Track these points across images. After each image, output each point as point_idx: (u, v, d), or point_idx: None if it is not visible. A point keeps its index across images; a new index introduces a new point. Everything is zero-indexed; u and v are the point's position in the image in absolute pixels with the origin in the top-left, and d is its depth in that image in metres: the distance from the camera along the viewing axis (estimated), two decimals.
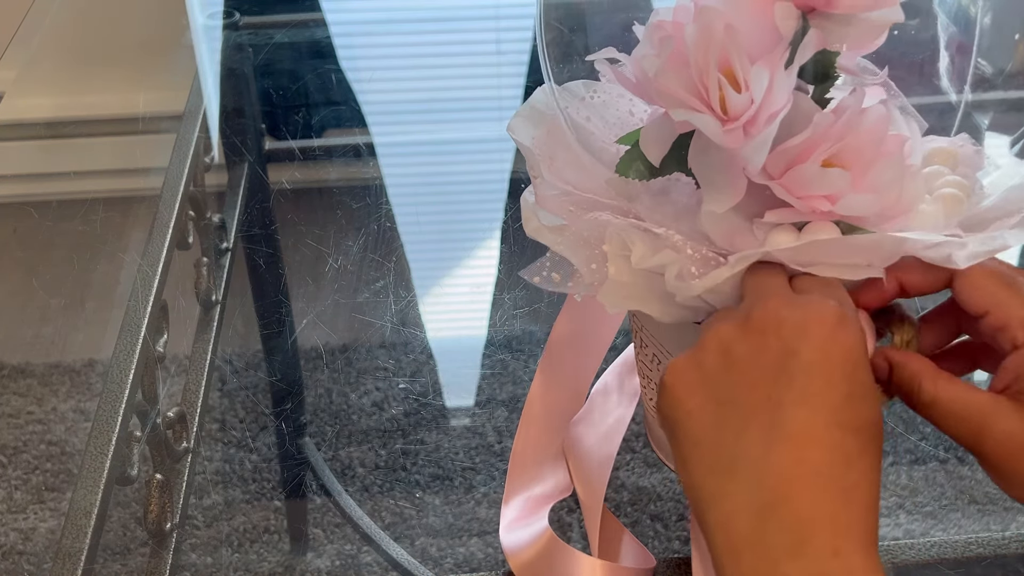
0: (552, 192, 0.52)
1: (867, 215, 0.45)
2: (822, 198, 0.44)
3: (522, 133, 0.54)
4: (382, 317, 0.78)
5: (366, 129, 1.03)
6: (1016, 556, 0.59)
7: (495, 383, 0.77)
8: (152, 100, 1.10)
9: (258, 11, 1.11)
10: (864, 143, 0.44)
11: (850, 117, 0.44)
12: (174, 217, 0.78)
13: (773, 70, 0.42)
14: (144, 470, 0.63)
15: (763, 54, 0.43)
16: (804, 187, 0.44)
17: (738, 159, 0.44)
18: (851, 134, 0.44)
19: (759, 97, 0.42)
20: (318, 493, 0.73)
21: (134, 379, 0.64)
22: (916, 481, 0.74)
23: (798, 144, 0.44)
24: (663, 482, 0.70)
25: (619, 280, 0.48)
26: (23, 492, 0.97)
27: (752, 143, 0.43)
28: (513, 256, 0.76)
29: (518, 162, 0.99)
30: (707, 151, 0.45)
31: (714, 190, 0.46)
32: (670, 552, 0.68)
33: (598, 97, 0.54)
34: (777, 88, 0.42)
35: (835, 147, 0.44)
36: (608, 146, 0.52)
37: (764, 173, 0.45)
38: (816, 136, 0.44)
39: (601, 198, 0.51)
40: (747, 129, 0.43)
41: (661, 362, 0.55)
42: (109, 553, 0.72)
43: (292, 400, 0.77)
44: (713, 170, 0.45)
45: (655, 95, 0.46)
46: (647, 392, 0.59)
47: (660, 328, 0.53)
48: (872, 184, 0.44)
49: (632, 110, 0.53)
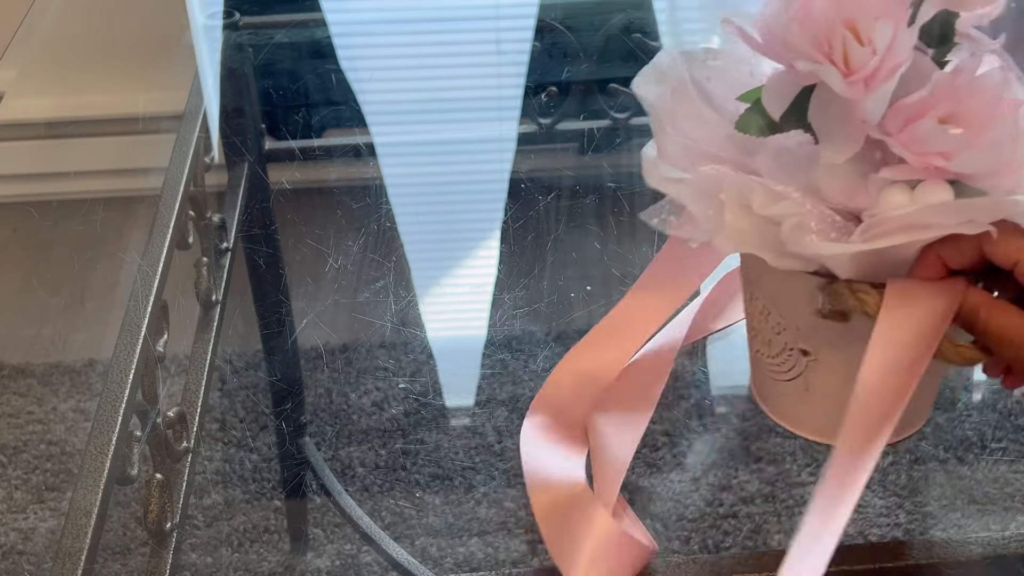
0: (674, 146, 0.55)
1: (982, 173, 0.47)
2: (937, 155, 0.46)
3: (646, 90, 0.57)
4: (382, 317, 0.78)
5: (366, 129, 1.03)
6: (1016, 556, 0.59)
7: (495, 383, 0.77)
8: (152, 100, 1.10)
9: (258, 11, 1.10)
10: (980, 104, 0.46)
11: (968, 78, 0.46)
12: (174, 217, 0.77)
13: (896, 26, 0.45)
14: (144, 470, 0.63)
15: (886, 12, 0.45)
16: (921, 143, 0.46)
17: (858, 111, 0.47)
18: (968, 95, 0.46)
19: (881, 51, 0.45)
20: (318, 493, 0.73)
21: (134, 379, 0.64)
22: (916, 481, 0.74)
23: (916, 101, 0.46)
24: (663, 482, 0.70)
25: (736, 226, 0.50)
26: (23, 492, 0.97)
27: (873, 95, 0.46)
28: (513, 256, 0.76)
29: (518, 162, 0.99)
30: (828, 104, 0.48)
31: (833, 142, 0.48)
32: (670, 552, 0.68)
33: (718, 62, 0.56)
34: (899, 43, 0.45)
35: (953, 107, 0.46)
36: (727, 104, 0.54)
37: (882, 129, 0.47)
38: (934, 94, 0.46)
39: (721, 152, 0.54)
40: (868, 82, 0.46)
41: (771, 314, 0.56)
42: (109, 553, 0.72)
43: (292, 400, 0.77)
44: (833, 122, 0.48)
45: (780, 49, 0.49)
46: (754, 345, 0.60)
47: (772, 279, 0.55)
48: (987, 144, 0.46)
49: (752, 72, 0.55)
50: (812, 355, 0.56)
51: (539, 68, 1.07)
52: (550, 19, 1.10)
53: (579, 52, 1.05)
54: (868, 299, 0.49)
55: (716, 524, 0.70)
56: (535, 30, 1.10)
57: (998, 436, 0.75)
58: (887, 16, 0.45)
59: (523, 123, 1.02)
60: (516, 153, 1.01)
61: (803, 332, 0.55)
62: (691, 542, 0.68)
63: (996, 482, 0.72)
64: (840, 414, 0.58)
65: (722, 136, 0.54)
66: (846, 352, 0.54)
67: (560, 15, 1.10)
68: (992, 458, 0.74)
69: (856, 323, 0.52)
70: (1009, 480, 0.73)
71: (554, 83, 1.03)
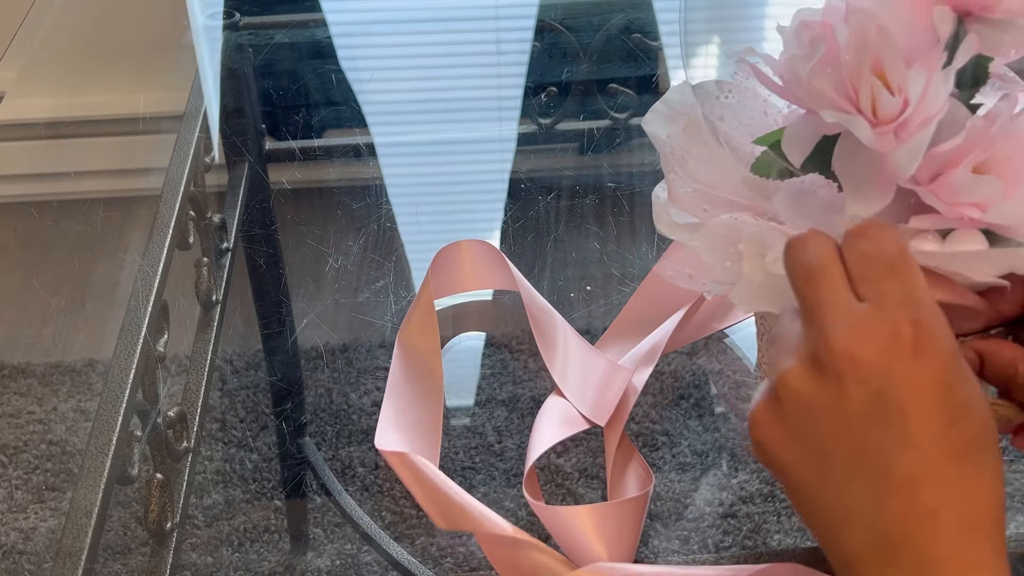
0: (686, 189, 0.52)
1: (1018, 224, 0.44)
2: (972, 205, 0.43)
3: (657, 128, 0.54)
4: (382, 317, 0.78)
5: (366, 129, 1.03)
6: (1016, 556, 0.59)
7: (495, 383, 0.77)
8: (152, 100, 1.10)
9: (258, 11, 1.10)
10: (1016, 150, 0.43)
11: (1004, 123, 0.43)
12: (174, 217, 0.78)
13: (930, 73, 0.42)
14: (144, 470, 0.63)
15: (915, 58, 0.42)
16: (954, 194, 0.43)
17: (887, 163, 0.43)
18: (1003, 140, 0.43)
19: (914, 100, 0.42)
20: (318, 493, 0.73)
21: (134, 379, 0.64)
22: None
23: (950, 150, 0.43)
24: (663, 482, 0.70)
25: (752, 280, 0.47)
26: (23, 492, 0.97)
27: (905, 148, 0.42)
28: (513, 256, 0.76)
29: (518, 162, 0.99)
30: (855, 154, 0.45)
31: (860, 194, 0.45)
32: (670, 552, 0.68)
33: (732, 97, 0.53)
34: (933, 92, 0.42)
35: (986, 155, 0.43)
36: (743, 146, 0.52)
37: (912, 178, 0.44)
38: (968, 142, 0.43)
39: (736, 198, 0.51)
40: (898, 133, 0.42)
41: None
42: (109, 553, 0.72)
43: (292, 400, 0.77)
44: (860, 174, 0.45)
45: (805, 96, 0.45)
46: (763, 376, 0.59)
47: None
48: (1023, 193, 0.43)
49: (766, 111, 0.53)
50: None
51: (539, 68, 1.07)
52: (550, 19, 1.10)
53: (579, 52, 1.05)
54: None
55: (716, 524, 0.70)
56: (535, 30, 1.10)
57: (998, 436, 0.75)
58: (919, 63, 0.42)
59: (523, 123, 1.02)
60: (516, 153, 1.01)
61: None
62: (691, 542, 0.69)
63: None
64: None
65: (737, 180, 0.51)
66: None
67: (560, 15, 1.10)
68: None
69: None
70: (1009, 480, 0.73)
71: (554, 83, 1.03)
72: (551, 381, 0.68)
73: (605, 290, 0.80)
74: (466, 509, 0.55)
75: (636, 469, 0.63)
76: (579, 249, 0.85)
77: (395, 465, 0.57)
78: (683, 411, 0.73)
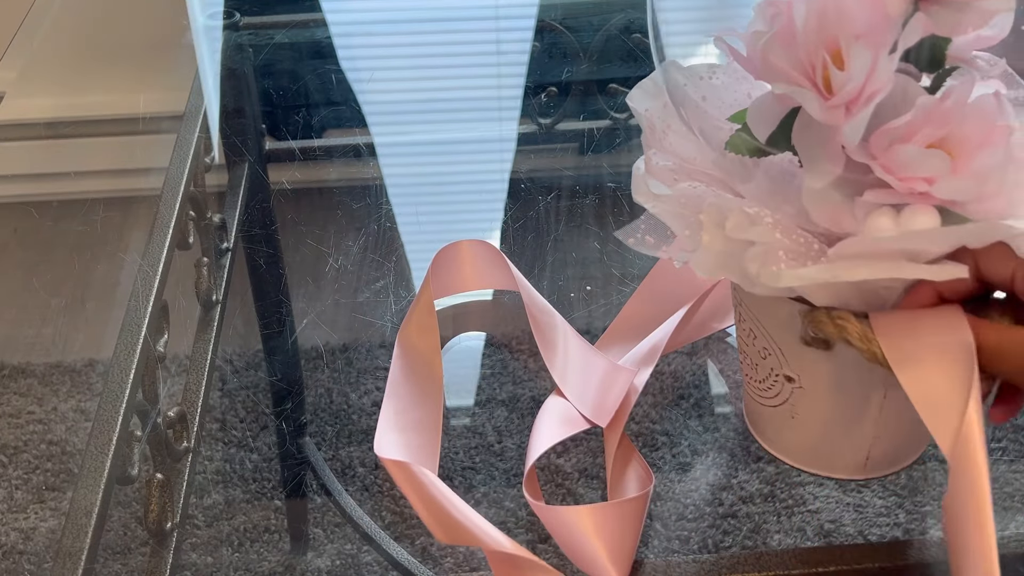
0: (663, 163, 0.54)
1: (966, 200, 0.45)
2: (921, 180, 0.44)
3: (640, 104, 0.56)
4: (382, 317, 0.78)
5: (366, 129, 1.03)
6: (1016, 556, 0.59)
7: (495, 383, 0.77)
8: (152, 100, 1.10)
9: (258, 11, 1.10)
10: (971, 130, 0.45)
11: (956, 102, 0.44)
12: (174, 217, 0.78)
13: (877, 51, 0.43)
14: (144, 470, 0.63)
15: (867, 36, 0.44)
16: (903, 167, 0.45)
17: (838, 136, 0.45)
18: (958, 120, 0.44)
19: (860, 77, 0.43)
20: (318, 493, 0.73)
21: (134, 379, 0.64)
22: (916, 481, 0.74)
23: (901, 125, 0.44)
24: (663, 482, 0.70)
25: (712, 248, 0.49)
26: (23, 492, 0.97)
27: (852, 120, 0.44)
28: (513, 256, 0.76)
29: (518, 162, 0.99)
30: (809, 127, 0.46)
31: (814, 166, 0.46)
32: (670, 552, 0.68)
33: (718, 79, 0.55)
34: (880, 69, 0.43)
35: (941, 132, 0.44)
36: (721, 124, 0.53)
37: (867, 152, 0.45)
38: (918, 118, 0.44)
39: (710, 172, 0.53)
40: (850, 108, 0.44)
41: (757, 337, 0.56)
42: (109, 553, 0.72)
43: (292, 400, 0.77)
44: (814, 146, 0.46)
45: (762, 70, 0.47)
46: (744, 367, 0.59)
47: (757, 303, 0.54)
48: (975, 170, 0.45)
49: (751, 92, 0.54)
50: (797, 382, 0.55)
51: (539, 68, 1.07)
52: (550, 19, 1.10)
53: (579, 52, 1.05)
54: (848, 326, 0.48)
55: (716, 524, 0.70)
56: (535, 30, 1.10)
57: (998, 436, 0.75)
58: (867, 40, 0.43)
59: (523, 123, 1.02)
60: (516, 153, 1.01)
61: (788, 358, 0.54)
62: (691, 542, 0.68)
63: (996, 482, 0.73)
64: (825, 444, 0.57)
65: (711, 157, 0.53)
66: (831, 381, 0.53)
67: (560, 15, 1.10)
68: (992, 458, 0.74)
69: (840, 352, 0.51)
70: (1009, 480, 0.73)
71: (554, 83, 1.03)
72: (551, 381, 0.68)
73: (605, 290, 0.80)
74: (466, 524, 0.55)
75: (636, 469, 0.63)
76: (579, 249, 0.85)
77: (395, 474, 0.57)
78: (683, 411, 0.73)
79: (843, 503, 0.71)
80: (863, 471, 0.58)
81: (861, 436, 0.56)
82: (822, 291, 0.48)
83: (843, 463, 0.58)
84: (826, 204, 0.47)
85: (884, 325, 0.47)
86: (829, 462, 0.58)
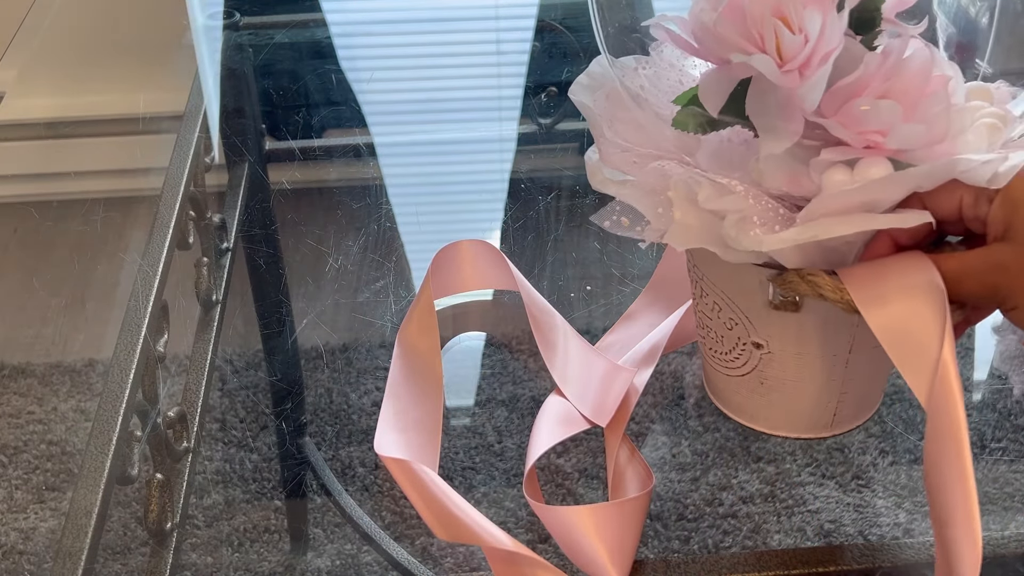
0: (615, 150, 0.55)
1: (918, 146, 0.48)
2: (875, 132, 0.47)
3: (583, 98, 0.58)
4: (382, 317, 0.78)
5: (366, 129, 1.03)
6: (1016, 556, 0.59)
7: (495, 383, 0.77)
8: (152, 100, 1.10)
9: (258, 11, 1.10)
10: (911, 82, 0.48)
11: (897, 57, 0.47)
12: (174, 217, 0.78)
13: (825, 13, 0.46)
14: (144, 470, 0.63)
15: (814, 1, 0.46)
16: (858, 122, 0.47)
17: (795, 100, 0.47)
18: (899, 74, 0.47)
19: (813, 38, 0.46)
20: (318, 493, 0.73)
21: (134, 379, 0.64)
22: (916, 481, 0.74)
23: (851, 83, 0.47)
24: (663, 482, 0.70)
25: (685, 222, 0.50)
26: (23, 492, 0.97)
27: (808, 82, 0.46)
28: (513, 256, 0.76)
29: (518, 162, 0.99)
30: (765, 95, 0.48)
31: (772, 132, 0.48)
32: (670, 552, 0.68)
33: (649, 69, 0.57)
34: (830, 29, 0.46)
35: (884, 86, 0.47)
36: (663, 108, 0.55)
37: (819, 113, 0.48)
38: (867, 75, 0.47)
39: (661, 152, 0.54)
40: (802, 70, 0.46)
41: (722, 309, 0.57)
42: (109, 553, 0.72)
43: (292, 400, 0.77)
44: (771, 113, 0.48)
45: (714, 45, 0.49)
46: (706, 342, 0.60)
47: (722, 273, 0.55)
48: (921, 118, 0.47)
49: (681, 79, 0.56)
50: (765, 348, 0.56)
51: (539, 68, 1.07)
52: (550, 19, 1.10)
53: (579, 52, 1.05)
54: (821, 282, 0.49)
55: (716, 524, 0.70)
56: (535, 30, 1.10)
57: (998, 436, 0.75)
58: (814, 4, 0.46)
59: (523, 123, 1.02)
60: (516, 153, 1.01)
61: (755, 325, 0.56)
62: (691, 542, 0.69)
63: (996, 482, 0.73)
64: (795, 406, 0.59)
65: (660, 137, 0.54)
66: (798, 344, 0.55)
67: (560, 15, 1.10)
68: (992, 458, 0.74)
69: (808, 314, 0.53)
70: (1009, 480, 0.73)
71: (554, 83, 1.03)
72: (551, 381, 0.68)
73: (605, 290, 0.80)
74: (466, 521, 0.55)
75: (637, 469, 0.63)
76: (579, 249, 0.85)
77: (395, 472, 0.57)
78: (683, 411, 0.73)
79: (843, 503, 0.71)
80: (830, 428, 0.59)
81: (829, 394, 0.57)
82: (793, 253, 0.50)
83: (812, 423, 0.59)
84: (783, 168, 0.49)
85: (853, 277, 0.49)
86: (798, 424, 0.59)
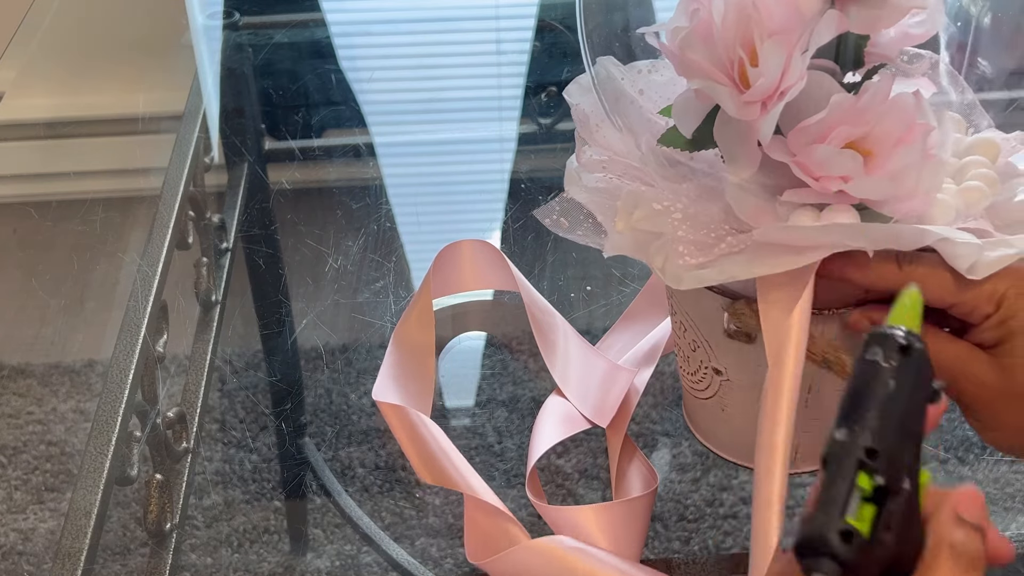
0: (595, 156, 0.55)
1: (880, 199, 0.45)
2: (836, 179, 0.44)
3: (576, 99, 0.57)
4: (382, 317, 0.78)
5: (366, 129, 1.03)
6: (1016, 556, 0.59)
7: (495, 383, 0.77)
8: (152, 100, 1.10)
9: (258, 11, 1.10)
10: (890, 129, 0.45)
11: (870, 100, 0.44)
12: (174, 217, 0.77)
13: (790, 49, 0.43)
14: (144, 470, 0.63)
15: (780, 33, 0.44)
16: (818, 167, 0.44)
17: (754, 132, 0.45)
18: (875, 118, 0.44)
19: (774, 74, 0.43)
20: (318, 493, 0.73)
21: (134, 379, 0.64)
22: None
23: (815, 123, 0.44)
24: (663, 482, 0.70)
25: (624, 233, 0.50)
26: (23, 492, 0.97)
27: (766, 117, 0.44)
28: (513, 256, 0.76)
29: (518, 162, 0.99)
30: (728, 123, 0.47)
31: (733, 161, 0.47)
32: (670, 552, 0.68)
33: (659, 74, 0.56)
34: (793, 67, 0.43)
35: (862, 130, 0.44)
36: (655, 119, 0.54)
37: (786, 150, 0.45)
38: (833, 116, 0.44)
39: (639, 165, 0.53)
40: (766, 104, 0.44)
41: (687, 330, 0.56)
42: (109, 553, 0.72)
43: (292, 400, 0.77)
44: (732, 141, 0.47)
45: (681, 66, 0.47)
46: (679, 360, 0.59)
47: (684, 296, 0.54)
48: (891, 169, 0.45)
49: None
50: (724, 375, 0.55)
51: (539, 68, 1.07)
52: (550, 19, 1.10)
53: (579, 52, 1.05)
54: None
55: (716, 524, 0.70)
56: (535, 30, 1.10)
57: None
58: (782, 38, 0.44)
59: (523, 123, 1.02)
60: (516, 153, 1.01)
61: (715, 352, 0.54)
62: (691, 542, 0.68)
63: (996, 482, 0.72)
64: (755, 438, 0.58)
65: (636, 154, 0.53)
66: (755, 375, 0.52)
67: (560, 15, 1.10)
68: (992, 458, 0.74)
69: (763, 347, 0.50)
70: (1009, 480, 0.73)
71: (554, 83, 1.03)
72: (551, 381, 0.68)
73: (605, 290, 0.80)
74: (450, 469, 0.57)
75: (640, 469, 0.63)
76: (579, 249, 0.85)
77: (389, 418, 0.58)
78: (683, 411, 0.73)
79: None
80: (793, 464, 0.58)
81: None
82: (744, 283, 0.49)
83: None
84: (750, 201, 0.47)
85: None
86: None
